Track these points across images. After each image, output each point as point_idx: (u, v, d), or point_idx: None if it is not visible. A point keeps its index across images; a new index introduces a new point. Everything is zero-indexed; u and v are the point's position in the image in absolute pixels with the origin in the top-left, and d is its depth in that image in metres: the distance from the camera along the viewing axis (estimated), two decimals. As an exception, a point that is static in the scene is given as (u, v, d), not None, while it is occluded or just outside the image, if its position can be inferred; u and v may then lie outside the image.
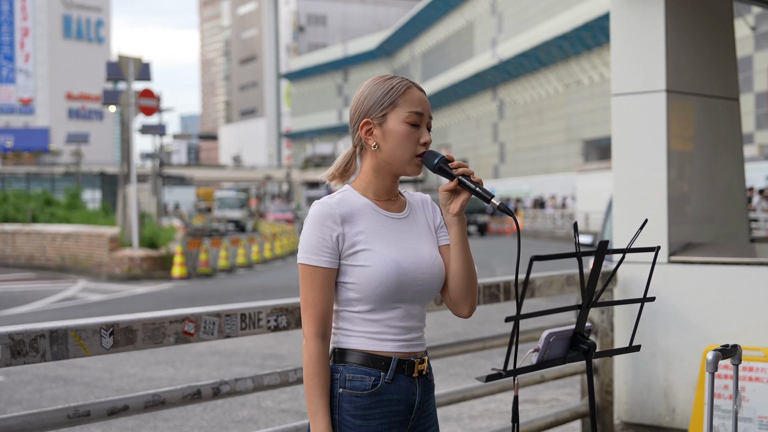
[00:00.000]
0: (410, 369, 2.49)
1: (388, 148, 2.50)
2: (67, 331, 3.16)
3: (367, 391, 2.44)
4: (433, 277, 2.52)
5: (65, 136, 75.56)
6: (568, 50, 63.72)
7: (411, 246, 2.52)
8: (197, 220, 52.91)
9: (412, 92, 2.51)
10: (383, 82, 2.54)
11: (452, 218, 2.51)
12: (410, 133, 2.49)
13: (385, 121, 2.50)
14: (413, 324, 2.52)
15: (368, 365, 2.45)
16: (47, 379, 8.95)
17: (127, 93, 22.86)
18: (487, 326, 11.84)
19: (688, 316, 5.68)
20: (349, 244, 2.45)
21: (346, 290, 2.47)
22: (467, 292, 2.55)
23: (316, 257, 2.44)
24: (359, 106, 2.54)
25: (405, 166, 2.51)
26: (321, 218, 2.45)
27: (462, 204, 2.49)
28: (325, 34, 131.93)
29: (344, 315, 2.50)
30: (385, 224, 2.52)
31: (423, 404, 2.54)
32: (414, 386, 2.50)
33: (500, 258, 25.44)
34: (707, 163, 6.21)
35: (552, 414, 5.63)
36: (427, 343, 4.67)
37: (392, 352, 2.47)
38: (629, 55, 5.96)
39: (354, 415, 2.44)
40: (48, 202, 32.80)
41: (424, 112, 2.52)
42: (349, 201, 2.51)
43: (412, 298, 2.50)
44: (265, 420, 7.18)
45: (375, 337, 2.47)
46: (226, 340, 9.78)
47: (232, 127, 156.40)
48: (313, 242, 2.45)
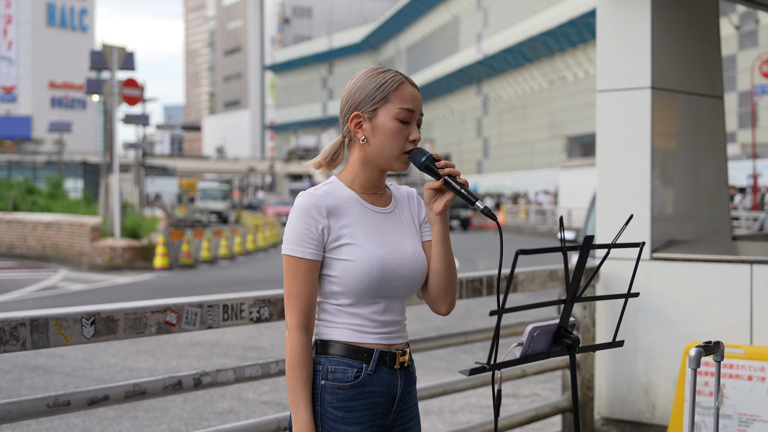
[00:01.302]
0: (392, 361, 2.49)
1: (377, 143, 2.49)
2: (47, 320, 3.14)
3: (349, 382, 2.43)
4: (416, 273, 2.52)
5: (48, 124, 75.11)
6: (552, 46, 63.84)
7: (395, 242, 2.51)
8: (179, 211, 52.76)
9: (404, 88, 2.50)
10: (376, 76, 2.52)
11: (435, 217, 2.51)
12: (400, 130, 2.48)
13: (375, 116, 2.49)
14: (393, 318, 2.51)
15: (350, 357, 2.45)
16: (27, 369, 8.90)
17: (111, 82, 22.74)
18: (468, 321, 11.86)
19: (670, 313, 5.70)
20: (334, 237, 2.45)
21: (329, 283, 2.47)
22: (446, 291, 2.55)
23: (300, 249, 2.43)
24: (350, 98, 2.53)
25: (392, 162, 2.50)
26: (307, 210, 2.44)
27: (446, 203, 2.48)
28: (310, 26, 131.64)
29: (326, 307, 2.49)
30: (371, 218, 2.51)
31: (405, 396, 2.54)
32: (396, 378, 2.51)
33: (483, 253, 25.49)
34: (691, 160, 6.23)
35: (533, 409, 5.64)
36: (408, 337, 4.67)
37: (374, 344, 2.47)
38: (615, 51, 5.96)
39: (336, 407, 2.43)
40: (30, 191, 32.62)
41: (416, 109, 2.50)
42: (335, 193, 2.50)
43: (394, 294, 2.49)
44: (245, 412, 7.17)
45: (356, 329, 2.46)
46: (207, 331, 9.75)
47: (215, 119, 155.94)
48: (298, 234, 2.44)
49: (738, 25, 44.02)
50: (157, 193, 63.72)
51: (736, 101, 44.77)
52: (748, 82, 41.20)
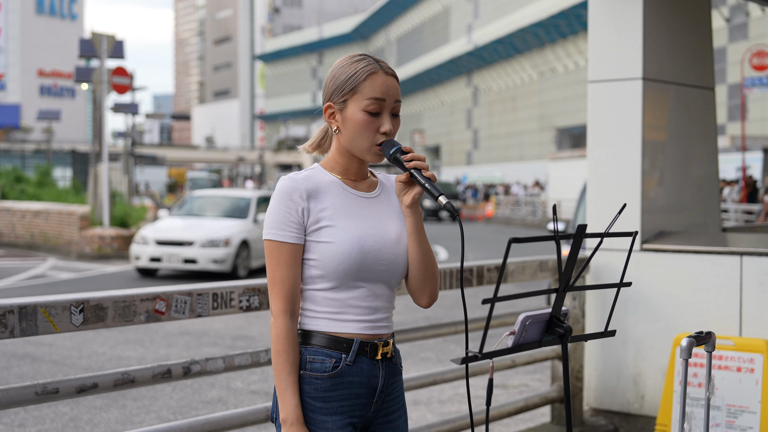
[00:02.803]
0: (373, 351, 2.47)
1: (347, 135, 2.47)
2: (36, 308, 3.12)
3: (327, 373, 2.42)
4: (398, 257, 2.49)
5: (36, 113, 74.78)
6: (543, 38, 63.83)
7: (377, 225, 2.49)
8: (169, 200, 52.63)
9: (374, 78, 2.45)
10: (350, 65, 2.48)
11: (406, 210, 2.49)
12: (368, 123, 2.44)
13: (345, 107, 2.46)
14: (378, 304, 2.48)
15: (329, 347, 2.43)
16: (15, 357, 8.87)
17: (100, 71, 22.64)
18: (457, 311, 11.86)
19: (659, 304, 5.70)
20: (314, 220, 2.43)
21: (309, 267, 2.44)
22: (424, 283, 2.53)
23: (282, 232, 2.41)
24: (326, 88, 2.52)
25: (364, 154, 2.48)
26: (287, 193, 2.42)
27: (414, 197, 2.47)
28: (300, 16, 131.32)
29: (308, 294, 2.47)
30: (352, 202, 2.49)
31: (387, 387, 2.52)
32: (377, 369, 2.48)
33: (472, 244, 25.51)
34: (681, 151, 6.23)
35: (522, 399, 5.65)
36: (397, 327, 4.64)
37: (354, 334, 2.45)
38: (606, 42, 5.96)
39: (314, 397, 2.42)
40: (18, 179, 32.47)
41: (387, 98, 2.46)
42: (315, 178, 2.48)
43: (376, 278, 2.47)
44: (234, 401, 7.16)
45: (337, 318, 2.44)
46: (196, 320, 9.74)
47: (205, 108, 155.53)
48: (279, 218, 2.42)
49: (728, 17, 44.08)
50: (147, 182, 63.56)
51: (726, 94, 44.83)
52: (738, 74, 41.25)
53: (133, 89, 31.62)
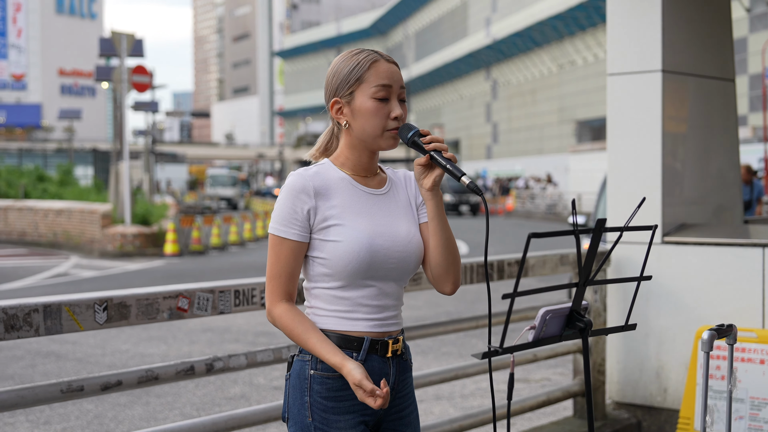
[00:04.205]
0: (383, 349, 2.45)
1: (358, 126, 2.46)
2: (60, 306, 3.15)
3: (338, 372, 2.39)
4: (409, 256, 2.47)
5: (57, 112, 75.28)
6: (562, 30, 63.58)
7: (387, 223, 2.47)
8: (189, 198, 52.83)
9: (378, 66, 2.45)
10: (350, 58, 2.48)
11: (426, 193, 2.45)
12: (378, 109, 2.43)
13: (353, 99, 2.45)
14: (387, 302, 2.47)
15: (340, 346, 2.41)
16: (39, 355, 8.95)
17: (120, 69, 22.76)
18: (479, 305, 11.86)
19: (681, 297, 5.68)
20: (321, 218, 2.41)
21: (317, 265, 2.43)
22: (448, 269, 2.49)
23: (285, 229, 2.41)
24: (329, 85, 2.51)
25: (378, 141, 2.46)
26: (295, 190, 2.41)
27: (435, 179, 2.43)
28: (318, 11, 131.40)
29: (316, 292, 2.46)
30: (361, 199, 2.47)
31: (398, 384, 2.51)
32: (388, 366, 2.47)
33: (492, 238, 25.46)
34: (702, 144, 6.20)
35: (544, 393, 5.64)
36: (418, 322, 4.65)
37: (365, 332, 2.43)
38: (625, 34, 5.93)
39: (326, 397, 2.41)
40: (40, 178, 32.70)
41: (393, 84, 2.45)
42: (325, 174, 2.46)
43: (386, 276, 2.45)
44: (257, 397, 7.19)
45: (347, 316, 2.43)
46: (218, 317, 9.78)
47: (224, 105, 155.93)
48: (284, 214, 2.41)
49: (749, 7, 43.71)
50: (168, 180, 63.80)
51: (747, 84, 44.53)
52: (759, 64, 40.99)
53: (153, 87, 31.75)
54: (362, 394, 2.30)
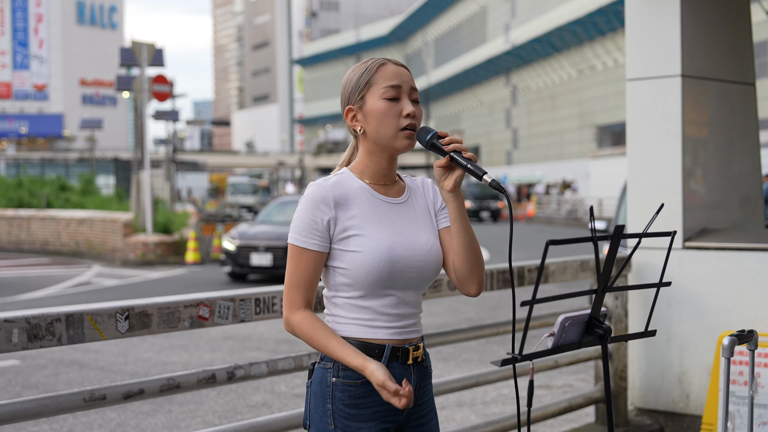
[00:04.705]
0: (404, 356, 2.46)
1: (372, 129, 2.47)
2: (83, 315, 3.18)
3: (360, 380, 2.40)
4: (428, 265, 2.48)
5: (79, 121, 75.75)
6: (581, 35, 63.44)
7: (406, 232, 2.47)
8: (210, 206, 53.00)
9: (385, 68, 2.48)
10: (359, 66, 2.52)
11: (447, 195, 2.44)
12: (389, 108, 2.44)
13: (364, 103, 2.47)
14: (406, 311, 2.47)
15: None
16: (62, 364, 9.00)
17: (141, 79, 22.90)
18: (500, 312, 11.84)
19: (703, 302, 5.66)
20: (342, 228, 2.42)
21: (338, 275, 2.44)
22: (472, 270, 2.49)
23: (305, 239, 2.41)
24: (342, 95, 2.54)
25: (393, 142, 2.46)
26: (314, 201, 2.42)
27: (455, 180, 2.42)
28: (337, 19, 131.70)
29: (336, 301, 2.47)
30: (381, 209, 2.48)
31: (419, 391, 2.51)
32: (408, 373, 2.47)
33: (514, 244, 25.35)
34: (722, 148, 6.18)
35: (566, 400, 5.63)
36: (439, 329, 4.65)
37: (386, 340, 2.44)
38: (644, 39, 5.92)
39: (348, 404, 2.41)
40: (62, 188, 32.87)
41: (402, 84, 2.47)
42: (344, 184, 2.47)
43: (405, 285, 2.45)
44: (278, 405, 7.21)
45: (367, 324, 2.43)
46: (239, 325, 9.81)
47: (244, 113, 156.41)
48: (304, 224, 2.42)
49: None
50: (189, 188, 64.05)
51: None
52: (780, 68, 40.75)
53: (174, 96, 31.89)
54: (387, 395, 2.30)
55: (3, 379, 8.28)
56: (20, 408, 3.19)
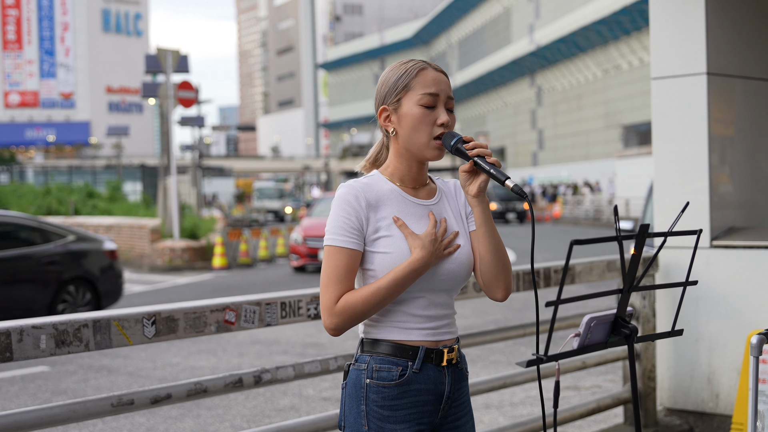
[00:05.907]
0: (438, 358, 2.45)
1: (405, 133, 2.46)
2: (110, 321, 3.19)
3: (394, 381, 2.40)
4: (459, 267, 2.46)
5: (106, 129, 76.24)
6: (606, 35, 63.16)
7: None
8: (237, 211, 53.20)
9: (425, 73, 2.46)
10: (399, 67, 2.50)
11: (472, 200, 2.44)
12: (425, 116, 2.43)
13: (399, 106, 2.46)
14: (438, 312, 2.46)
15: (396, 355, 2.41)
16: (91, 369, 9.06)
17: (166, 85, 23.02)
18: (526, 313, 11.80)
19: (732, 301, 5.61)
20: (372, 230, 2.41)
21: (369, 277, 2.42)
22: (498, 275, 2.47)
23: (341, 238, 2.39)
24: (378, 94, 2.53)
25: (423, 150, 2.45)
26: (346, 200, 2.41)
27: (480, 185, 2.41)
28: (361, 23, 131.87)
29: None
30: (411, 210, 2.47)
31: (453, 394, 2.50)
32: (443, 375, 2.46)
33: (540, 245, 25.32)
34: (749, 146, 6.13)
35: (594, 401, 5.60)
36: (466, 331, 4.64)
37: (419, 341, 2.43)
38: (669, 37, 5.89)
39: (381, 406, 2.41)
40: (90, 195, 33.12)
41: (440, 92, 2.45)
42: (375, 186, 2.47)
43: (437, 287, 2.44)
44: (306, 408, 7.22)
45: (401, 326, 2.42)
46: (267, 329, 9.83)
47: (270, 118, 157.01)
48: (339, 224, 2.40)
49: (796, 6, 43.15)
50: (215, 194, 64.31)
51: (796, 84, 43.88)
52: (807, 64, 40.45)
53: (199, 102, 32.03)
54: (434, 243, 2.40)
55: (33, 385, 8.34)
56: (49, 414, 3.21)
